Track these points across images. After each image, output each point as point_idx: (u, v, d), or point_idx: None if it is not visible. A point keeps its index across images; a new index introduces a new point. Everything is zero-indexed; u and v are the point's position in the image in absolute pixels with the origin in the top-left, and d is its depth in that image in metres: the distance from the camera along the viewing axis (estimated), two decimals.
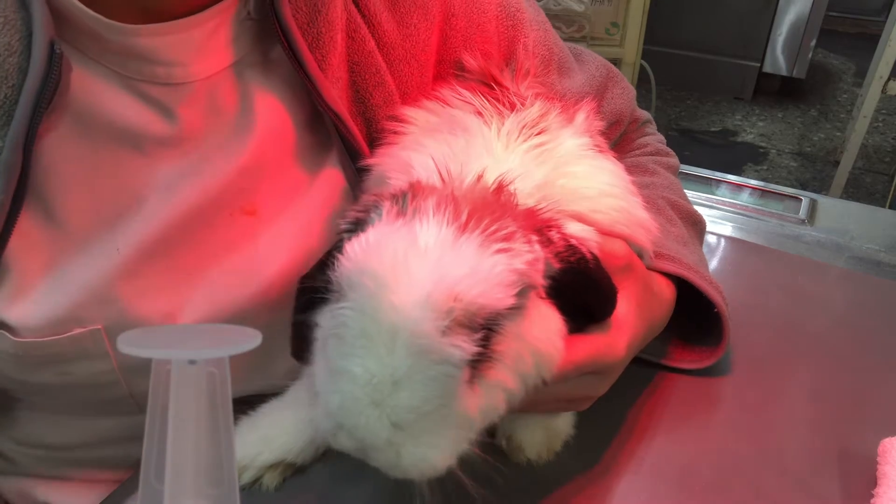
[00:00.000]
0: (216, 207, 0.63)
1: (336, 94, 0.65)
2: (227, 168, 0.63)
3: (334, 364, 0.44)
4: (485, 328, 0.44)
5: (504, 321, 0.45)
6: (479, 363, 0.44)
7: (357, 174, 0.69)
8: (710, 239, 1.05)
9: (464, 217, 0.45)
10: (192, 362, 0.33)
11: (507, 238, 0.45)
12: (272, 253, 0.66)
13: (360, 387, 0.42)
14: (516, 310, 0.45)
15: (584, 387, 0.58)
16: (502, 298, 0.44)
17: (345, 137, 0.66)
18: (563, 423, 0.67)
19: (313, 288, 0.48)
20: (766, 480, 0.65)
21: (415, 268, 0.42)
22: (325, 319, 0.48)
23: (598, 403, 0.62)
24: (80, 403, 0.69)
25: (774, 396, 0.75)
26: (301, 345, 0.52)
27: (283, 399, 0.65)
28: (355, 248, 0.45)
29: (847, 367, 0.80)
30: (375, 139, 0.70)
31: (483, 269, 0.43)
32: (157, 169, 0.60)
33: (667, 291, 0.70)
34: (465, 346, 0.42)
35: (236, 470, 0.46)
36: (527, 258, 0.46)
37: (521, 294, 0.45)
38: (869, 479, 0.64)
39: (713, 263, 1.00)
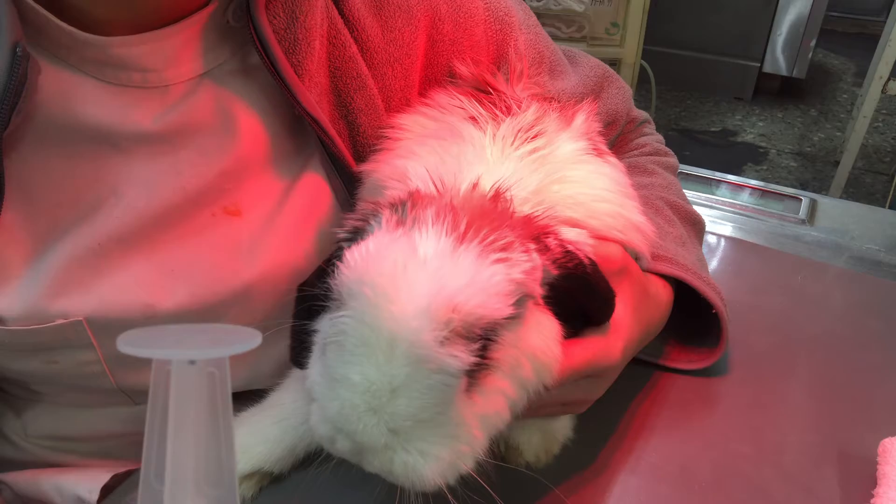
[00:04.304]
0: (196, 206, 0.64)
1: (314, 98, 0.66)
2: (206, 169, 0.64)
3: (333, 371, 0.44)
4: (483, 338, 0.44)
5: (502, 330, 0.45)
6: (476, 372, 0.45)
7: (339, 178, 0.69)
8: (710, 239, 1.05)
9: (462, 227, 0.46)
10: (192, 362, 0.33)
11: (505, 248, 0.46)
12: (255, 254, 0.67)
13: (358, 394, 0.43)
14: (514, 319, 0.46)
15: (580, 390, 0.59)
16: (500, 308, 0.44)
17: (324, 142, 0.67)
18: (561, 426, 0.67)
19: (313, 295, 0.48)
20: (765, 480, 0.65)
21: (414, 278, 0.43)
22: (325, 327, 0.48)
23: (597, 403, 0.62)
24: (72, 393, 0.69)
25: (774, 396, 0.76)
26: (300, 351, 0.52)
27: (261, 407, 0.65)
28: (355, 257, 0.45)
29: (847, 367, 0.80)
30: (359, 143, 0.71)
31: (481, 280, 0.44)
32: (133, 165, 0.61)
33: (663, 293, 0.70)
34: (462, 356, 0.43)
35: (236, 470, 0.46)
36: (524, 267, 0.46)
37: (519, 303, 0.46)
38: (869, 479, 0.64)
39: (713, 263, 1.00)
